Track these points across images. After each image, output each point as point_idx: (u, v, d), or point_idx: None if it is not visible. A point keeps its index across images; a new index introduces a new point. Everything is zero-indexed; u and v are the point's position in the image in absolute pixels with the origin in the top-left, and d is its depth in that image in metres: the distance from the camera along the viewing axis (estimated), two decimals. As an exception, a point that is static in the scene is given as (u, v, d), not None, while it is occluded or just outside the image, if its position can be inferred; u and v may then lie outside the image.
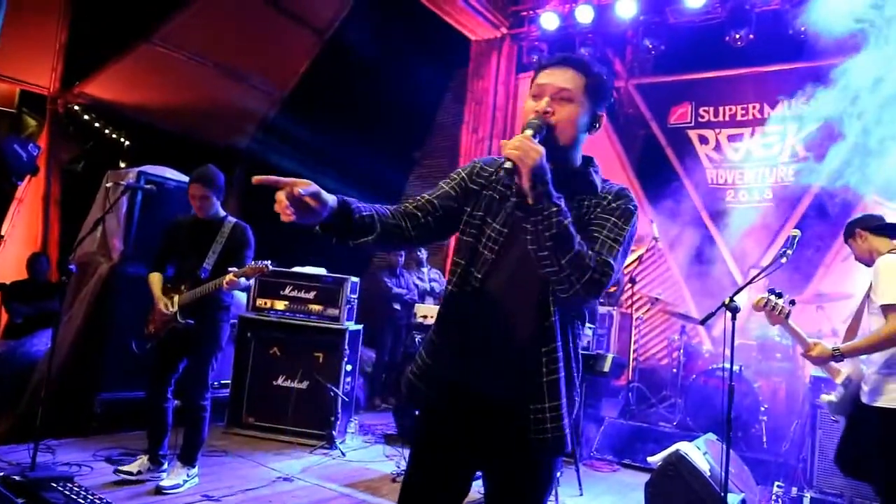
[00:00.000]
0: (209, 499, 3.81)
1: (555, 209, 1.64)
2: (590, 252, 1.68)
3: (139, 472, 3.93)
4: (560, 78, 1.82)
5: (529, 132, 1.70)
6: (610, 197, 1.84)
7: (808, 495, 4.18)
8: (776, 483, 4.71)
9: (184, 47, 7.53)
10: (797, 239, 3.45)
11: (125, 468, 3.94)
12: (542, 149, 1.64)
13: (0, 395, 4.91)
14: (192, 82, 7.97)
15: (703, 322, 3.82)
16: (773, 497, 4.57)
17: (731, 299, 3.49)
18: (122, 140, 8.72)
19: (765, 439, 5.50)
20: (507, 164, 1.64)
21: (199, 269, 3.83)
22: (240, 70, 8.19)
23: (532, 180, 1.63)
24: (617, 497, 4.62)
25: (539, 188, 1.64)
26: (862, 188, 6.81)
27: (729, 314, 3.52)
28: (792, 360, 5.72)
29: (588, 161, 1.93)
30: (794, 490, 4.55)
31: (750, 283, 3.58)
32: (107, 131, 8.55)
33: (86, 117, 8.15)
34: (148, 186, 4.32)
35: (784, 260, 3.41)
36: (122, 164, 8.52)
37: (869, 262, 3.40)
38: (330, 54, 8.68)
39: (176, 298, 3.88)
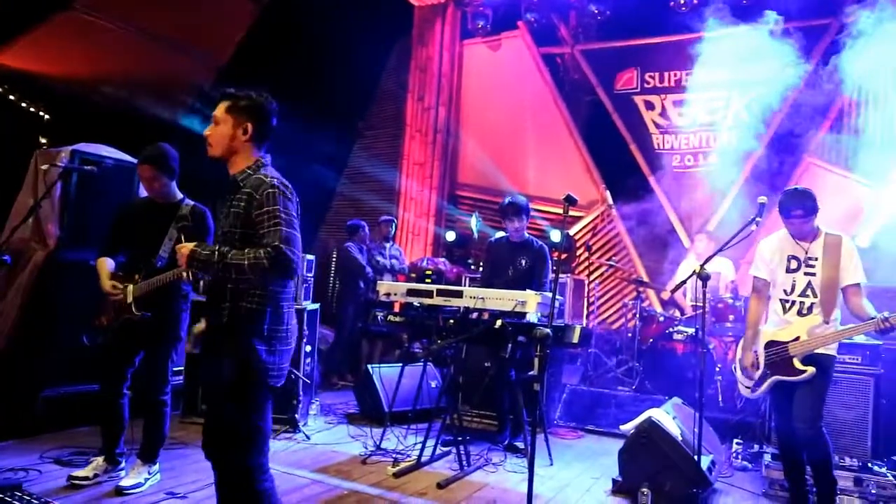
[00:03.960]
0: (174, 496, 3.62)
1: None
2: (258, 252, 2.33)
3: (95, 476, 3.69)
4: (216, 109, 2.55)
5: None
6: (253, 192, 2.43)
7: (768, 451, 4.32)
8: (735, 440, 4.88)
9: (110, 14, 6.99)
10: (766, 206, 3.50)
11: (79, 473, 3.67)
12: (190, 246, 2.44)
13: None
14: (120, 51, 7.44)
15: (674, 291, 3.86)
16: (734, 454, 4.73)
17: (702, 267, 3.51)
18: (42, 114, 8.12)
19: (720, 398, 5.68)
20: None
21: (155, 257, 3.58)
22: (173, 38, 7.69)
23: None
24: (586, 464, 4.68)
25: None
26: (802, 152, 7.04)
27: (699, 282, 3.54)
28: (743, 321, 5.87)
29: (250, 166, 2.55)
30: (756, 447, 4.72)
31: (720, 250, 3.61)
32: (23, 105, 7.93)
33: (-1, 90, 7.53)
34: (88, 167, 3.98)
35: (754, 227, 3.46)
36: (43, 141, 7.94)
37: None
38: (269, 21, 8.26)
39: (130, 289, 3.61)
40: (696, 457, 3.58)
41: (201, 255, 2.38)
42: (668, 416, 4.03)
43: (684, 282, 3.77)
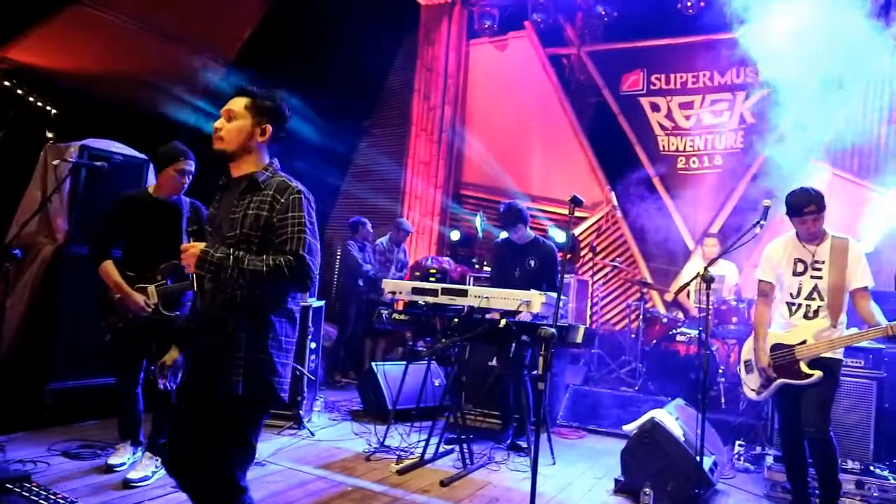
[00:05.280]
0: (180, 489, 3.66)
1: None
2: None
3: (129, 459, 3.84)
4: (231, 103, 2.40)
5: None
6: (277, 195, 2.29)
7: (770, 453, 4.34)
8: (737, 442, 4.90)
9: (118, 9, 7.01)
10: (769, 210, 3.51)
11: (114, 460, 3.80)
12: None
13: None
14: (128, 47, 7.45)
15: (678, 292, 3.87)
16: (736, 455, 4.75)
17: (706, 269, 3.54)
18: (49, 109, 8.14)
19: (723, 400, 5.70)
20: None
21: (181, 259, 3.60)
22: (180, 34, 7.71)
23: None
24: (589, 463, 4.70)
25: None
26: (808, 156, 7.02)
27: (704, 284, 3.56)
28: (746, 324, 5.89)
29: (266, 168, 2.41)
30: (758, 449, 4.74)
31: (724, 253, 3.63)
32: (31, 99, 7.95)
33: (6, 83, 7.56)
34: (98, 163, 3.98)
35: (758, 230, 3.47)
36: (50, 136, 7.96)
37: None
38: (276, 18, 8.28)
39: (151, 290, 3.62)
40: (698, 457, 3.62)
41: (214, 258, 2.20)
42: (671, 417, 4.06)
43: (688, 283, 3.79)
